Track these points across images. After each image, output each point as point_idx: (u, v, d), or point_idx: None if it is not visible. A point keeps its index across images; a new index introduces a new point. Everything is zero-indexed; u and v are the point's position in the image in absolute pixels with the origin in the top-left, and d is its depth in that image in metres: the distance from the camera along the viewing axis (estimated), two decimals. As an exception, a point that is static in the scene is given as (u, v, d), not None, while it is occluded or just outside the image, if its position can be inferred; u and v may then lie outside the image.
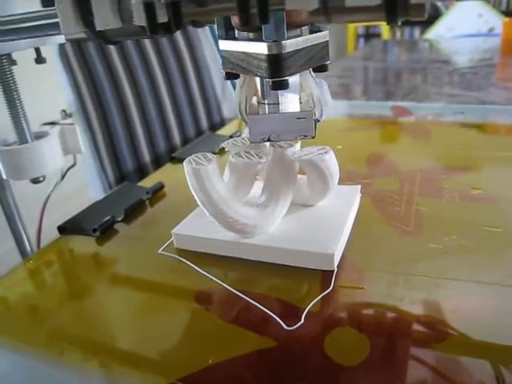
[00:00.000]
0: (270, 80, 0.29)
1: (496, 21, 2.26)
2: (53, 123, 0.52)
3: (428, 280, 0.31)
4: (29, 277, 0.37)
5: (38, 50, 0.45)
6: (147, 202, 0.47)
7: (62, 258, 0.40)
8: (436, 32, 2.45)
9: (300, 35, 0.29)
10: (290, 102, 0.32)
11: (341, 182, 0.37)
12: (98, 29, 0.28)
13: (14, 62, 0.44)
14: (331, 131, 0.66)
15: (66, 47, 0.66)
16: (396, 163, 0.51)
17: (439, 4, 2.56)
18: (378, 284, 0.31)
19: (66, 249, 0.41)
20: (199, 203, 0.33)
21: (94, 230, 0.41)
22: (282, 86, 0.29)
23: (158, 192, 0.49)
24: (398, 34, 2.85)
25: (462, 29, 2.31)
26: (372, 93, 0.95)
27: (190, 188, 0.33)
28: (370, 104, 0.84)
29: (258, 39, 0.28)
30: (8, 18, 0.36)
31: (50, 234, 0.44)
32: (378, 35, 2.79)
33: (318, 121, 0.33)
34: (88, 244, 0.41)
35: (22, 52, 0.42)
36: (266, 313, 0.29)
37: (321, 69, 0.32)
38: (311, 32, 0.30)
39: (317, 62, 0.31)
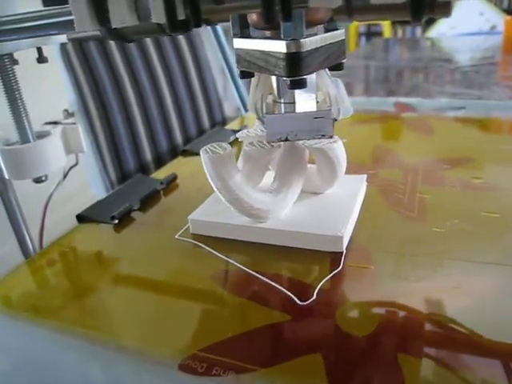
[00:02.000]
0: (288, 79, 0.29)
1: (498, 19, 2.28)
2: (55, 123, 0.52)
3: (432, 260, 0.33)
4: (52, 262, 0.39)
5: (39, 50, 0.44)
6: (161, 192, 0.49)
7: (82, 245, 0.42)
8: (438, 30, 2.47)
9: (316, 33, 0.29)
10: (306, 101, 0.32)
11: (347, 172, 0.39)
12: (113, 26, 0.27)
13: (15, 62, 0.44)
14: (337, 125, 0.68)
15: (68, 47, 0.66)
16: (400, 156, 0.53)
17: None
18: (384, 264, 0.33)
19: (86, 236, 0.43)
20: (215, 190, 0.36)
21: (112, 218, 0.44)
22: (300, 84, 0.29)
23: (171, 183, 0.51)
24: (400, 32, 2.86)
25: (463, 27, 2.32)
26: (374, 91, 0.97)
27: (207, 175, 0.35)
28: (372, 100, 0.86)
29: (276, 37, 0.28)
30: (9, 17, 0.36)
31: (53, 232, 0.45)
32: (379, 33, 2.80)
33: (336, 120, 0.33)
34: (106, 231, 0.43)
35: (24, 51, 0.42)
36: (280, 290, 0.31)
37: (337, 67, 0.32)
38: (327, 30, 0.30)
39: (334, 60, 0.31)
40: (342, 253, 0.34)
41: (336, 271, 0.32)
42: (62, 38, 0.38)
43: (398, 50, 1.57)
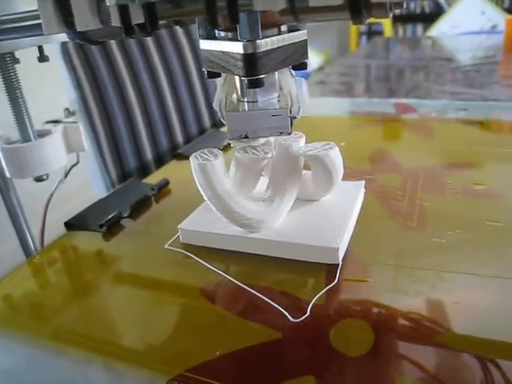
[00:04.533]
0: (246, 78, 0.29)
1: (499, 18, 2.26)
2: (56, 121, 0.52)
3: (432, 273, 0.31)
4: (35, 272, 0.37)
5: (40, 48, 0.45)
6: (152, 199, 0.48)
7: (69, 253, 0.40)
8: (439, 29, 2.45)
9: (278, 34, 0.30)
10: (268, 100, 0.33)
11: (344, 178, 0.37)
12: (78, 30, 0.28)
13: (16, 61, 0.44)
14: (334, 128, 0.66)
15: (69, 45, 0.66)
16: (399, 160, 0.51)
17: (442, 1, 2.56)
18: (382, 277, 0.31)
19: (73, 244, 0.41)
20: (206, 198, 0.34)
21: (101, 226, 0.42)
22: (257, 84, 0.29)
23: (163, 188, 0.49)
24: (401, 31, 2.84)
25: (464, 26, 2.30)
26: (374, 90, 0.96)
27: (197, 183, 0.34)
28: (372, 101, 0.84)
29: (235, 39, 0.29)
30: (10, 16, 0.36)
31: (54, 231, 0.45)
32: (380, 33, 2.78)
33: (295, 118, 0.33)
34: (95, 240, 0.41)
35: (25, 50, 0.42)
36: (272, 305, 0.29)
37: (300, 67, 0.33)
38: (290, 31, 0.31)
39: (294, 60, 0.32)
40: (337, 265, 0.32)
41: (331, 285, 0.31)
42: (63, 36, 0.38)
43: (399, 49, 1.55)
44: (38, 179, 0.47)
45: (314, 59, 2.39)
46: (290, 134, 0.32)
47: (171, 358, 0.27)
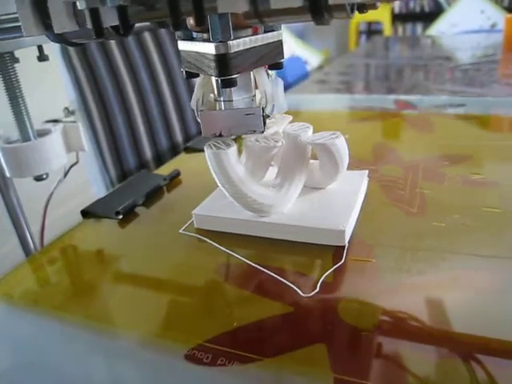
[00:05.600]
0: (219, 78, 0.30)
1: (498, 17, 2.28)
2: (55, 121, 0.52)
3: (433, 254, 0.33)
4: (54, 259, 0.39)
5: (40, 48, 0.45)
6: (165, 188, 0.50)
7: (86, 240, 0.42)
8: (438, 28, 2.47)
9: (252, 35, 0.31)
10: (243, 99, 0.34)
11: (349, 168, 0.39)
12: (56, 32, 0.29)
13: (16, 60, 0.44)
14: (337, 122, 0.68)
15: (68, 45, 0.67)
16: (400, 152, 0.53)
17: (441, 0, 2.57)
18: (386, 257, 0.33)
19: (91, 231, 0.43)
20: (219, 185, 0.36)
21: (117, 213, 0.44)
22: (230, 83, 0.30)
23: (174, 179, 0.51)
24: (400, 30, 2.86)
25: (464, 25, 2.32)
26: (374, 89, 0.97)
27: (211, 170, 0.36)
28: (372, 98, 0.86)
29: (209, 40, 0.30)
30: (10, 15, 0.36)
31: (54, 231, 0.45)
32: (379, 32, 2.80)
33: (268, 116, 0.34)
34: (111, 227, 0.43)
35: (25, 50, 0.43)
36: (284, 283, 0.32)
37: (276, 66, 0.34)
38: (265, 32, 0.32)
39: (268, 60, 0.33)
40: (344, 247, 0.34)
41: (338, 264, 0.33)
42: None
43: (399, 48, 1.57)
44: (38, 178, 0.47)
45: (313, 58, 2.40)
46: (262, 132, 0.33)
47: (191, 331, 0.29)
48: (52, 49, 0.62)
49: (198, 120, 0.35)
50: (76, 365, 0.28)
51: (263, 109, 0.33)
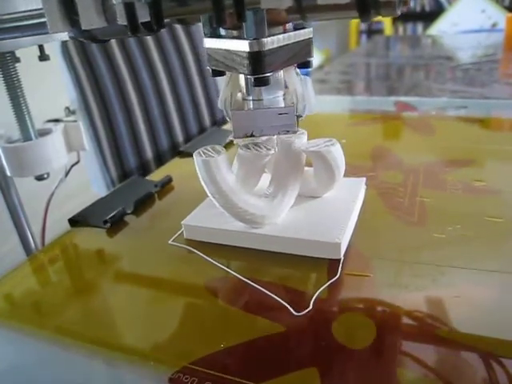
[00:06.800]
0: (252, 77, 0.29)
1: (499, 16, 2.26)
2: (56, 120, 0.52)
3: (432, 268, 0.32)
4: (38, 269, 0.38)
5: (41, 47, 0.45)
6: (156, 195, 0.48)
7: (72, 250, 0.41)
8: (439, 28, 2.46)
9: (283, 32, 0.30)
10: (273, 98, 0.33)
11: (346, 174, 0.38)
12: (83, 28, 0.28)
13: (17, 60, 0.44)
14: (335, 125, 0.67)
15: (69, 44, 0.66)
16: (400, 157, 0.52)
17: (442, 0, 2.56)
18: (383, 272, 0.32)
19: (77, 241, 0.42)
20: (209, 194, 0.34)
21: (105, 222, 0.42)
22: (263, 82, 0.30)
23: (166, 185, 0.50)
24: (401, 29, 2.84)
25: (464, 24, 2.31)
26: (374, 89, 0.96)
27: (200, 179, 0.34)
28: (373, 100, 0.85)
29: (241, 37, 0.29)
30: (11, 15, 0.36)
31: (54, 230, 0.45)
32: (380, 31, 2.78)
33: (301, 116, 0.33)
34: (99, 236, 0.42)
35: (26, 49, 0.42)
36: (275, 300, 0.30)
37: (305, 65, 0.33)
38: (295, 29, 0.31)
39: (300, 58, 0.32)
40: (339, 260, 0.33)
41: (333, 280, 0.31)
42: (64, 35, 0.38)
43: (399, 47, 1.56)
44: (39, 178, 0.47)
45: (314, 58, 2.39)
46: (295, 132, 0.32)
47: (176, 351, 0.27)
48: (53, 48, 0.62)
49: (228, 120, 0.34)
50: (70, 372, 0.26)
51: (296, 108, 0.32)
